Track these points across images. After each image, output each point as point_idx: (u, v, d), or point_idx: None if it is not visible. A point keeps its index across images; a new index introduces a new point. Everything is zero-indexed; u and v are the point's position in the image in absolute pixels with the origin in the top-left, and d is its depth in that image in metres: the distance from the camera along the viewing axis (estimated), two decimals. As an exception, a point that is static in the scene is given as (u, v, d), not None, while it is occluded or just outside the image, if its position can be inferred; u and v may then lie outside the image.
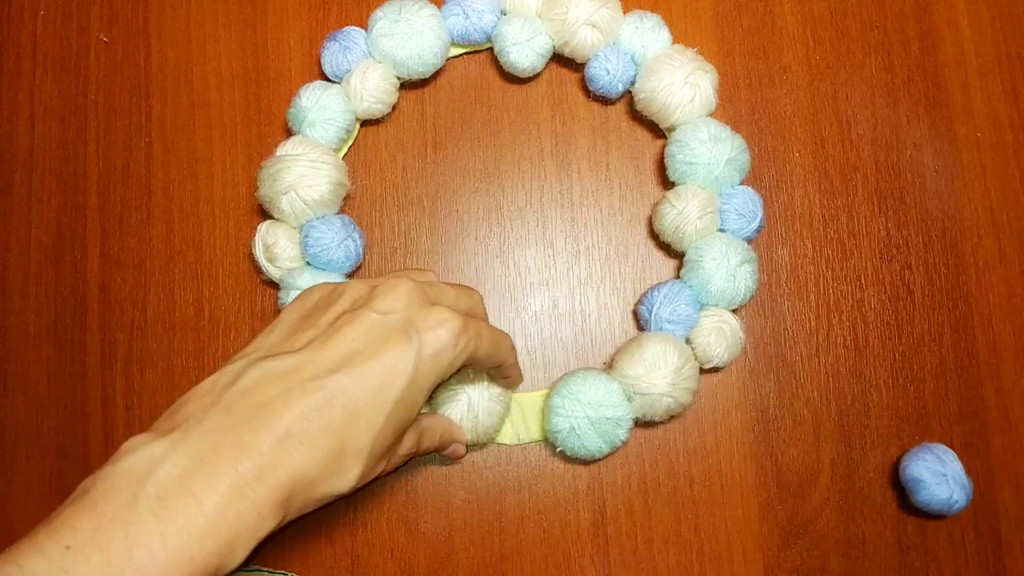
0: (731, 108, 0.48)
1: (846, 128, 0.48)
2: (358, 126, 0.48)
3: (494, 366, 0.38)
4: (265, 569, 0.43)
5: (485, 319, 0.39)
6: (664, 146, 0.45)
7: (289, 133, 0.47)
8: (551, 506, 0.45)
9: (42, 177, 0.49)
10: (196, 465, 0.27)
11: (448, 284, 0.38)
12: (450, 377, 0.41)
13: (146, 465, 0.27)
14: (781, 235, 0.47)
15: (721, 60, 0.49)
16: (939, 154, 0.48)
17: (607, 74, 0.45)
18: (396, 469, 0.39)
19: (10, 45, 0.51)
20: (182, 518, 0.26)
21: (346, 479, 0.31)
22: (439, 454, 0.42)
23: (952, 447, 0.44)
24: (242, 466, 0.28)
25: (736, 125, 0.47)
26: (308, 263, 0.44)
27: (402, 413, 0.32)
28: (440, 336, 0.32)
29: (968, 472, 0.44)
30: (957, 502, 0.41)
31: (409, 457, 0.37)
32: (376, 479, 0.35)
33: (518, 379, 0.42)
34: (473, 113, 0.49)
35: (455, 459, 0.43)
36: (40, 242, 0.48)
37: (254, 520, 0.28)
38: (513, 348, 0.39)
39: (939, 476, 0.41)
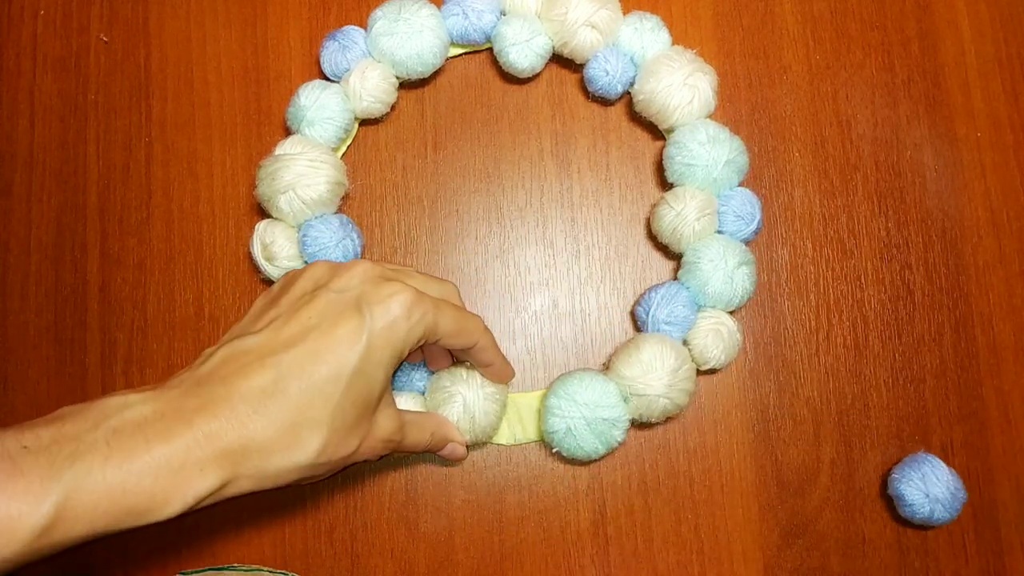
0: (731, 108, 0.48)
1: (846, 128, 0.48)
2: (357, 125, 0.48)
3: (465, 347, 0.38)
4: (265, 569, 0.44)
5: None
6: (663, 147, 0.45)
7: (289, 133, 0.47)
8: (551, 506, 0.45)
9: (42, 177, 0.49)
10: (157, 418, 0.30)
11: (419, 272, 0.39)
12: (443, 377, 0.42)
13: (116, 406, 0.30)
14: (781, 235, 0.47)
15: (721, 60, 0.49)
16: (939, 154, 0.48)
17: (606, 75, 0.45)
18: (380, 458, 0.38)
19: (10, 45, 0.51)
20: (128, 452, 0.29)
21: (305, 451, 0.32)
22: (437, 455, 0.42)
23: (952, 447, 0.45)
24: (196, 426, 0.30)
25: (736, 125, 0.47)
26: (306, 262, 0.44)
27: (360, 386, 0.33)
28: (392, 308, 0.33)
29: (968, 472, 0.44)
30: (939, 520, 0.42)
31: (394, 449, 0.37)
32: (355, 463, 0.36)
33: (505, 369, 0.41)
34: (473, 113, 0.49)
35: (455, 461, 0.43)
36: (40, 242, 0.48)
37: (195, 476, 0.30)
38: (487, 331, 0.39)
39: (921, 496, 0.41)
